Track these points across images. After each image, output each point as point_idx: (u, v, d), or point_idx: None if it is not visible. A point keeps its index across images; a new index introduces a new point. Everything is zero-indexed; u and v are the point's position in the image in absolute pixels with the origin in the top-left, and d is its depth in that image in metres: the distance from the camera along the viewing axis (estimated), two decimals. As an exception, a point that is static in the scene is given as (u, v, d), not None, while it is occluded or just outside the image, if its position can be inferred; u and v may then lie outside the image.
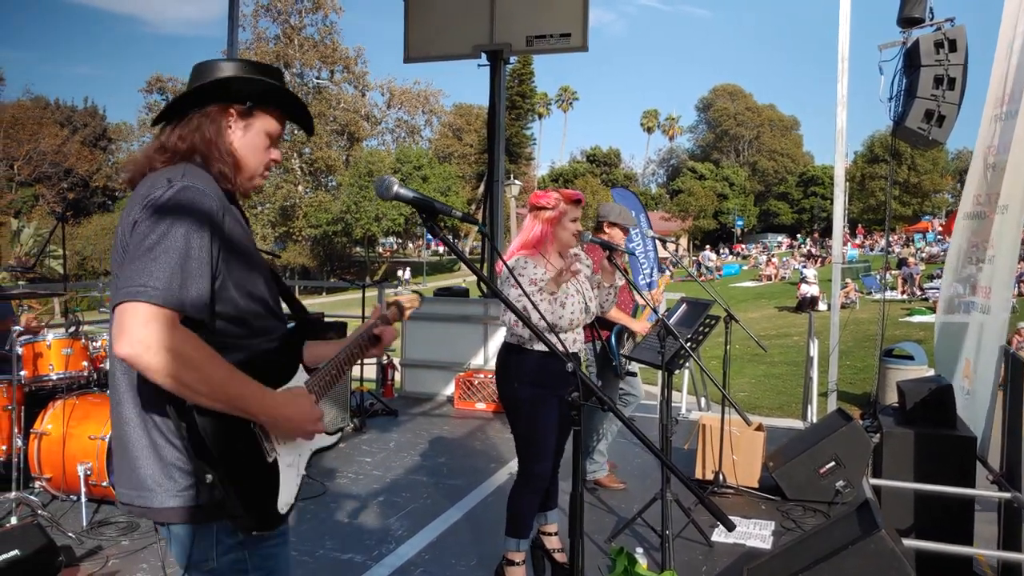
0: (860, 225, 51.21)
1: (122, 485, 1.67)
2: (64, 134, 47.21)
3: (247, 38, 50.28)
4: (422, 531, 4.22)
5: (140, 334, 1.46)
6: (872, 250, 39.66)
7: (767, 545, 4.01)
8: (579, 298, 3.43)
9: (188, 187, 1.58)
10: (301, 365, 1.83)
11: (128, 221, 1.58)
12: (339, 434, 1.97)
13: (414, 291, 2.29)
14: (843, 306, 17.55)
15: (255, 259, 1.74)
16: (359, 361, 2.05)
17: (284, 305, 1.93)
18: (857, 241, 42.73)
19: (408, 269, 48.36)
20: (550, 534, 3.69)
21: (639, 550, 3.68)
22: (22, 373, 4.25)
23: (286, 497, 1.71)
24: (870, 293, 23.40)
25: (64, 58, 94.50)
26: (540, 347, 3.29)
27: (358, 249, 53.68)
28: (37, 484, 4.36)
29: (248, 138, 1.78)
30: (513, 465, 5.17)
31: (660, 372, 3.94)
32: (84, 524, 4.03)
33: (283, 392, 1.70)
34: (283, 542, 1.81)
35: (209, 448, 1.53)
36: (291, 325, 1.90)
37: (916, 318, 17.18)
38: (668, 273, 6.27)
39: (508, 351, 3.41)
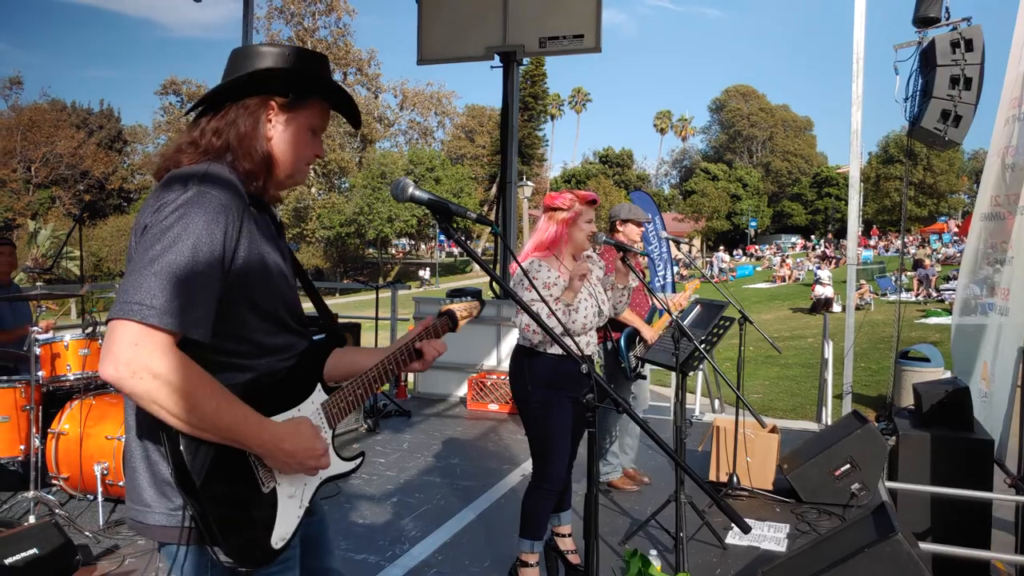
0: (875, 226, 50.87)
1: (127, 495, 1.59)
2: (80, 136, 47.78)
3: (260, 41, 50.53)
4: (436, 532, 4.22)
5: (126, 356, 1.35)
6: (887, 251, 39.40)
7: (782, 548, 3.99)
8: (592, 301, 3.43)
9: (205, 192, 1.46)
10: (320, 384, 1.69)
11: (140, 224, 1.47)
12: (360, 459, 1.78)
13: (473, 298, 2.11)
14: (858, 307, 17.43)
15: (274, 272, 1.60)
16: (394, 376, 1.82)
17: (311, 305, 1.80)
18: (872, 242, 42.41)
19: (428, 269, 48.61)
20: (564, 535, 3.68)
21: (653, 552, 3.69)
22: (40, 373, 4.29)
23: (282, 531, 1.56)
24: (885, 294, 23.26)
25: (80, 61, 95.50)
26: (554, 349, 3.29)
27: (371, 250, 53.90)
28: (54, 483, 4.41)
29: (289, 133, 1.64)
30: (526, 466, 5.17)
31: (674, 374, 3.93)
32: (101, 523, 4.07)
33: (284, 423, 1.55)
34: (286, 568, 1.63)
35: (192, 478, 1.41)
36: (319, 336, 1.76)
37: (932, 319, 17.07)
38: (695, 278, 6.25)
39: (522, 353, 3.40)
